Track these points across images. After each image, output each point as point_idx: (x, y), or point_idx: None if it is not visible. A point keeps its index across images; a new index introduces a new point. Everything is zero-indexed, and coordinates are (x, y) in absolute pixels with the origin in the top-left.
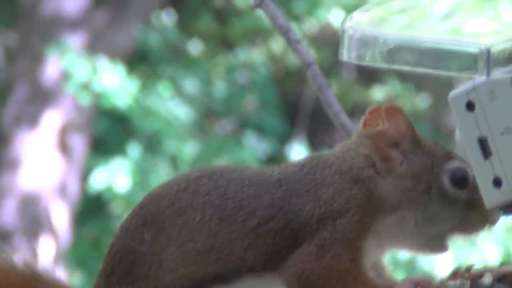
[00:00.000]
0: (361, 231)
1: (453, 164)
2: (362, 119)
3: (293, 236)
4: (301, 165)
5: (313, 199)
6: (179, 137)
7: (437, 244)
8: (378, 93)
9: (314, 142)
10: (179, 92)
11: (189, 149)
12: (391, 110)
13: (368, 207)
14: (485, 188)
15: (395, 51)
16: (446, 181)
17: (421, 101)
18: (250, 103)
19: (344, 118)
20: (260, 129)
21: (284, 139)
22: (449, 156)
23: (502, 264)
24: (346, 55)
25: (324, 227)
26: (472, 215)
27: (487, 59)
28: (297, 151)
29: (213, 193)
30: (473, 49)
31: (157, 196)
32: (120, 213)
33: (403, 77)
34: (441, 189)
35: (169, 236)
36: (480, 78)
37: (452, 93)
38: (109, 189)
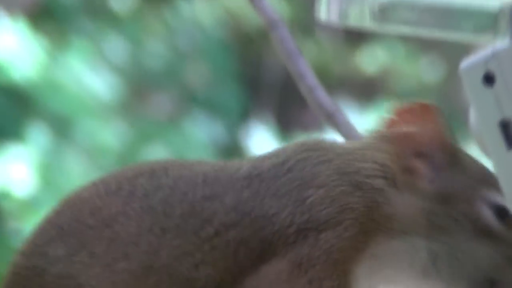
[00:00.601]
0: (353, 252)
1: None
2: (385, 119)
3: (261, 249)
4: (285, 156)
5: (294, 202)
6: (98, 119)
7: None
8: (369, 61)
9: (282, 125)
10: (99, 60)
11: (111, 136)
12: (425, 110)
13: (367, 222)
14: (510, 188)
15: (389, 9)
16: (487, 212)
17: (429, 71)
18: (196, 75)
19: (321, 94)
20: (211, 109)
21: (242, 121)
22: (493, 180)
23: None
24: (325, 13)
25: (304, 240)
26: None
27: (511, 18)
28: (259, 137)
29: (154, 195)
30: (493, 6)
31: (78, 201)
32: (19, 223)
33: (404, 38)
34: (479, 221)
35: (92, 253)
36: (501, 43)
37: (465, 63)
38: (5, 191)
